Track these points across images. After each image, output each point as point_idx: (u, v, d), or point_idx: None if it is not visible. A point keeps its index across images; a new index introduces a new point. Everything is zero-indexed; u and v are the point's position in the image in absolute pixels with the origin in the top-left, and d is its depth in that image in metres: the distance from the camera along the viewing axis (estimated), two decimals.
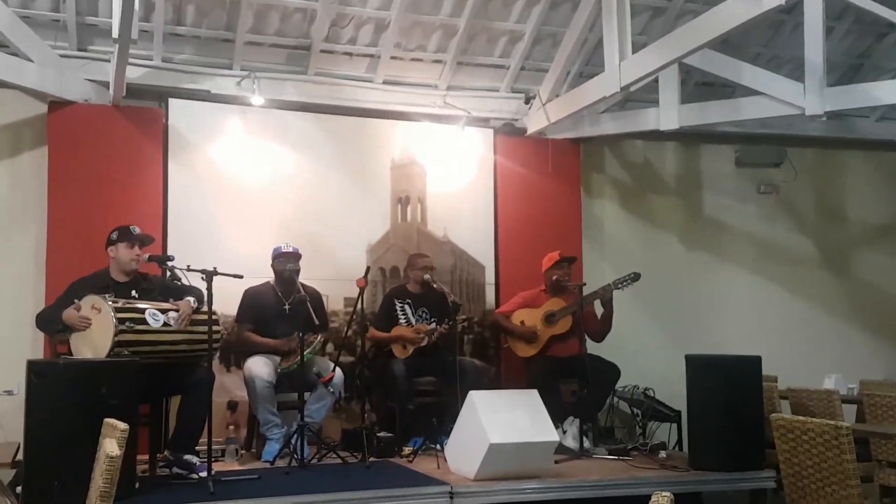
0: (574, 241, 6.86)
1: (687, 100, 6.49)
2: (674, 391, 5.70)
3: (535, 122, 6.77)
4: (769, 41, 6.94)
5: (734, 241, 7.65)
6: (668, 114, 6.40)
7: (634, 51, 5.44)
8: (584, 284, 5.91)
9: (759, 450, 4.95)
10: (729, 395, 4.94)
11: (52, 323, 4.55)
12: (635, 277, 5.80)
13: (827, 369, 6.34)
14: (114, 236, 4.75)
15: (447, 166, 6.72)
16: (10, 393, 5.37)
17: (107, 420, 3.08)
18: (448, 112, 6.68)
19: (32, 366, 4.02)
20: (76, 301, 4.46)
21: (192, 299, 4.66)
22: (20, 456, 4.22)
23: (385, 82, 6.58)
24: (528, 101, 6.76)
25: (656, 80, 6.30)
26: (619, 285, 5.83)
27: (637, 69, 5.36)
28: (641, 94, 6.69)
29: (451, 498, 4.36)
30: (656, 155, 7.57)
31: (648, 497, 1.97)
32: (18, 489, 4.05)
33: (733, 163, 7.70)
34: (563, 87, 6.63)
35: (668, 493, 1.96)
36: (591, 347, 5.94)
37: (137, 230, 4.79)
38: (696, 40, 4.95)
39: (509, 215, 6.79)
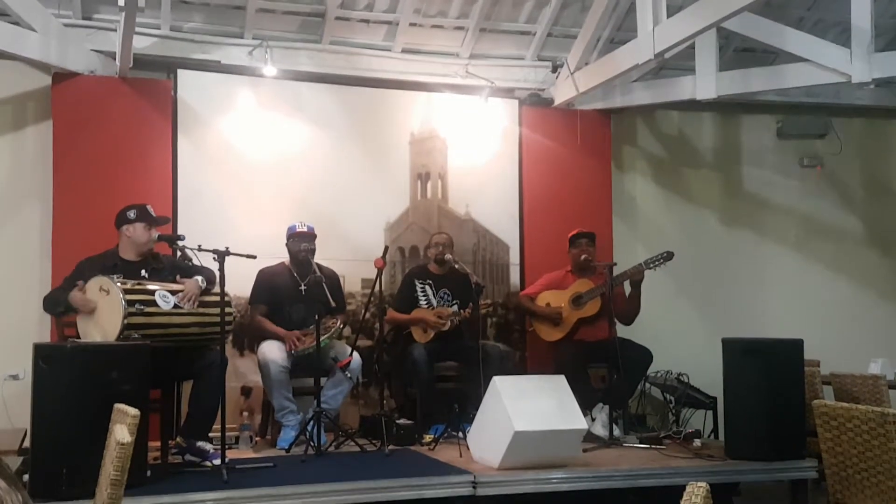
0: (604, 218, 6.84)
1: (725, 67, 6.42)
2: (709, 376, 5.69)
3: (562, 92, 6.72)
4: (814, 4, 6.83)
5: (775, 217, 7.59)
6: (706, 82, 6.33)
7: (669, 15, 5.37)
8: (615, 264, 5.90)
9: (800, 438, 4.92)
10: (768, 380, 4.91)
11: (58, 304, 4.61)
12: (668, 256, 5.78)
13: (873, 353, 6.27)
14: (131, 215, 4.79)
15: (469, 140, 6.71)
16: (15, 377, 5.44)
17: (117, 406, 3.12)
18: (470, 82, 6.65)
19: (39, 349, 4.07)
20: (80, 282, 4.51)
21: (199, 278, 4.70)
22: (27, 443, 4.28)
23: (404, 51, 6.55)
24: (555, 69, 6.71)
25: (692, 47, 6.22)
26: (652, 265, 5.80)
27: (672, 34, 5.30)
28: (677, 62, 6.62)
29: (475, 487, 4.38)
30: (692, 126, 7.51)
31: (682, 488, 1.96)
32: (25, 477, 4.12)
33: (775, 134, 7.63)
34: (592, 55, 6.58)
35: (703, 484, 1.96)
36: (622, 331, 5.93)
37: (153, 211, 4.86)
38: (736, 3, 4.88)
39: (535, 191, 6.77)
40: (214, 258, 4.53)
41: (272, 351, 5.25)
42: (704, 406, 6.17)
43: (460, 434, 5.17)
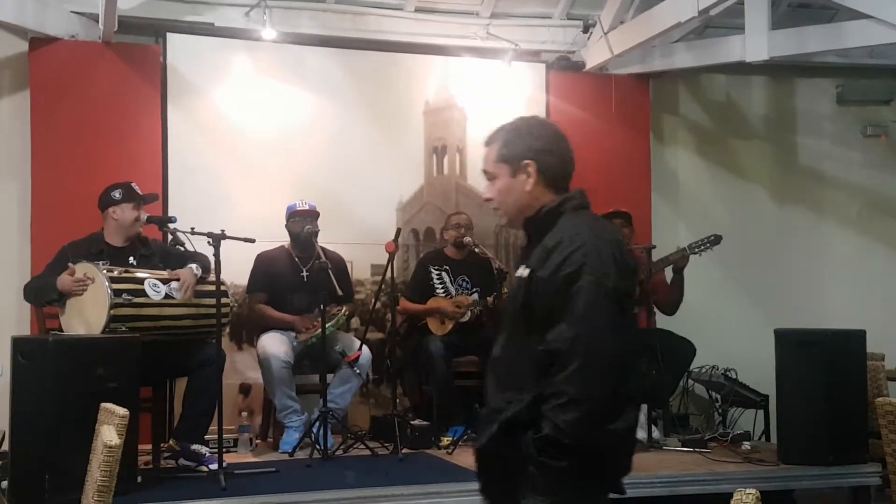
0: (642, 195, 6.82)
1: (778, 25, 6.35)
2: (760, 372, 5.67)
3: (595, 54, 6.69)
4: None
5: (834, 193, 7.53)
6: (756, 42, 6.26)
7: None
8: (654, 247, 5.88)
9: (862, 440, 4.92)
10: (827, 376, 4.90)
11: (45, 292, 4.63)
12: (716, 240, 5.76)
13: None
14: (116, 195, 4.82)
15: (491, 109, 6.66)
16: None
17: (104, 405, 3.15)
18: (492, 45, 6.63)
19: (18, 344, 4.12)
20: (70, 265, 4.55)
21: (194, 266, 4.73)
22: (5, 446, 4.33)
23: (417, 10, 6.54)
24: (586, 29, 6.67)
25: (741, 2, 6.17)
26: (697, 249, 5.79)
27: None
28: (723, 19, 6.55)
29: None
30: (741, 92, 7.46)
31: (730, 495, 1.97)
32: (4, 484, 4.17)
33: (834, 100, 7.56)
34: (628, 13, 6.54)
35: (753, 491, 1.96)
36: (662, 321, 5.93)
37: (139, 189, 4.89)
38: None
39: None
40: (209, 242, 4.55)
41: (273, 344, 5.28)
42: (754, 405, 6.15)
43: None
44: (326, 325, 5.14)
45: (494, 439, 2.28)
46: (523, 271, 2.32)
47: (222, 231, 4.59)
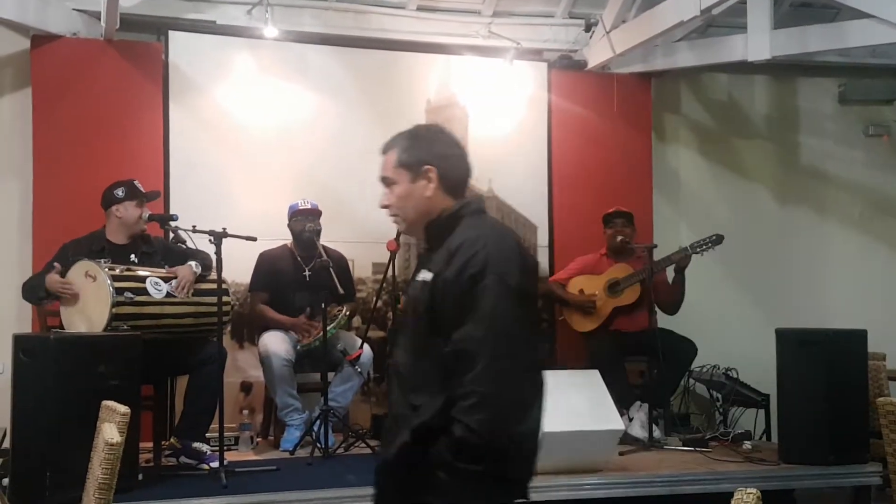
0: (643, 194, 6.82)
1: (780, 24, 6.35)
2: (761, 372, 5.67)
3: (597, 53, 6.69)
4: None
5: (836, 193, 7.53)
6: (758, 41, 6.26)
7: None
8: (655, 246, 5.88)
9: (863, 440, 4.92)
10: (828, 375, 4.90)
11: (36, 290, 4.64)
12: (717, 240, 5.76)
13: None
14: (119, 193, 4.83)
15: (492, 108, 6.69)
16: None
17: (105, 403, 3.15)
18: (494, 43, 6.63)
19: (19, 341, 4.12)
20: (56, 264, 4.55)
21: (193, 263, 4.74)
22: (6, 444, 4.34)
23: (419, 8, 6.54)
24: (588, 28, 6.67)
25: (743, 1, 6.17)
26: (699, 249, 5.79)
27: None
28: (725, 18, 6.56)
29: None
30: (743, 91, 7.46)
31: (730, 495, 1.97)
32: (5, 481, 4.17)
33: (836, 100, 7.56)
34: (630, 12, 6.53)
35: (754, 490, 1.96)
36: (663, 321, 5.92)
37: (141, 186, 4.90)
38: None
39: (566, 165, 6.75)
40: (210, 240, 4.55)
41: (274, 343, 5.28)
42: (755, 404, 6.16)
43: None
44: (328, 328, 5.14)
45: (406, 447, 2.24)
46: (425, 275, 2.31)
47: (224, 229, 4.59)
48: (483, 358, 2.11)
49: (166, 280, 4.63)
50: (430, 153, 2.41)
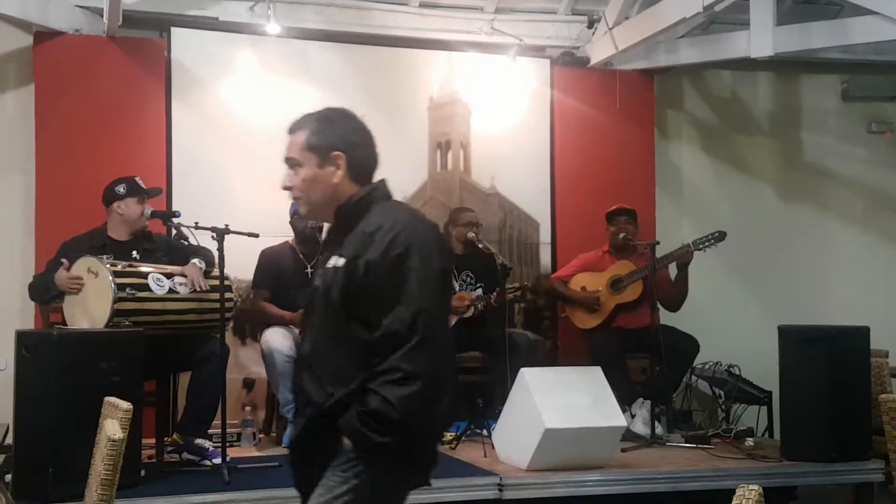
0: (646, 191, 6.81)
1: (784, 21, 6.34)
2: (764, 368, 5.67)
3: (599, 50, 6.68)
4: None
5: (839, 190, 7.52)
6: (761, 38, 6.25)
7: None
8: (658, 243, 5.88)
9: (866, 437, 4.92)
10: (830, 372, 4.90)
11: (47, 290, 4.64)
12: (720, 237, 5.76)
13: None
14: (121, 190, 4.83)
15: (495, 104, 6.68)
16: None
17: (108, 399, 3.15)
18: (496, 40, 6.62)
19: (22, 337, 4.12)
20: (64, 261, 4.55)
21: (197, 261, 4.73)
22: (9, 440, 4.35)
23: (421, 5, 6.53)
24: (591, 24, 6.67)
25: None
26: (701, 246, 5.79)
27: None
28: (728, 15, 6.55)
29: (501, 490, 4.40)
30: (746, 88, 7.45)
31: (732, 491, 1.96)
32: (8, 477, 4.18)
33: (839, 96, 7.55)
34: (633, 8, 6.52)
35: (756, 487, 1.95)
36: (666, 317, 5.91)
37: (143, 183, 4.89)
38: None
39: (569, 162, 6.75)
40: (213, 237, 4.56)
41: (277, 339, 5.28)
42: (758, 401, 6.16)
43: (484, 432, 5.19)
44: None
45: (314, 421, 2.24)
46: (337, 261, 2.29)
47: (226, 226, 4.60)
48: (413, 337, 2.12)
49: (169, 276, 4.63)
50: (340, 139, 2.39)
